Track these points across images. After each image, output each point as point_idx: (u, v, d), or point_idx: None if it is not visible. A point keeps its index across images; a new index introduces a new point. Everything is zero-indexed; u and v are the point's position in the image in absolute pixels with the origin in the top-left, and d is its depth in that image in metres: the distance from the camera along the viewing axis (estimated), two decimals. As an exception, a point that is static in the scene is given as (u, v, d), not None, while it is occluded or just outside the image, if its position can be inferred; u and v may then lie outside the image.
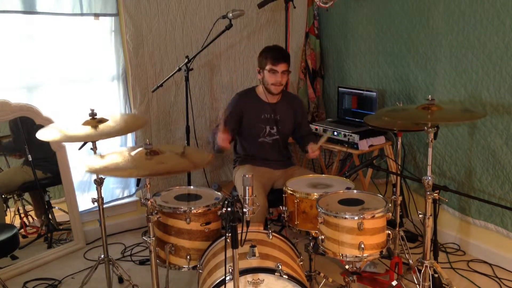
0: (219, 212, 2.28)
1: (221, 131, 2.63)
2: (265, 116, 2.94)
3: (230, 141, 2.69)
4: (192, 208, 2.23)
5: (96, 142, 2.38)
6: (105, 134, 2.30)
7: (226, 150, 2.71)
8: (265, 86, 2.89)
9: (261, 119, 2.93)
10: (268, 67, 2.82)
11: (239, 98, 2.98)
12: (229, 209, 1.71)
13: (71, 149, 3.18)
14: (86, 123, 2.34)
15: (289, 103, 3.01)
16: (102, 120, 2.37)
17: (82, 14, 3.13)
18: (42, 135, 2.26)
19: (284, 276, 1.85)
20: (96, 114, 2.38)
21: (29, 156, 3.08)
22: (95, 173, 2.41)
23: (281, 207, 2.47)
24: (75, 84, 3.25)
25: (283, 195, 2.46)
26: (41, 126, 3.01)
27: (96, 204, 2.50)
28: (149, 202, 1.95)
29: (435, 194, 2.24)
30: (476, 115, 2.43)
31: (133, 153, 1.89)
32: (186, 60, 3.12)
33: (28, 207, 3.18)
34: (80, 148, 2.50)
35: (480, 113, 2.47)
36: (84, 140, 2.36)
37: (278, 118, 2.95)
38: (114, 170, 1.81)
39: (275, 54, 2.83)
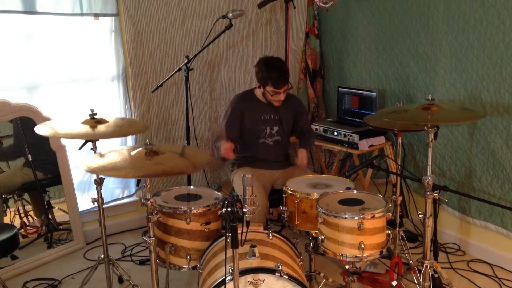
0: (219, 212, 2.27)
1: (224, 143, 2.72)
2: (265, 117, 2.93)
3: (233, 150, 2.78)
4: (192, 208, 2.23)
5: (96, 142, 2.39)
6: (102, 135, 2.33)
7: (229, 159, 2.80)
8: (266, 98, 2.89)
9: (261, 120, 2.92)
10: (269, 89, 2.81)
11: (238, 101, 2.97)
12: (229, 209, 1.71)
13: (71, 149, 3.18)
14: (85, 122, 2.38)
15: (288, 102, 3.00)
16: (101, 121, 2.39)
17: (82, 14, 3.13)
18: (40, 129, 2.29)
19: (284, 276, 1.85)
20: (96, 114, 2.40)
21: (29, 156, 3.08)
22: (93, 173, 2.41)
23: (281, 207, 2.47)
24: (75, 84, 3.25)
25: (283, 195, 2.46)
26: (41, 126, 3.03)
27: (96, 204, 2.51)
28: (149, 202, 1.95)
29: (435, 194, 2.24)
30: (477, 115, 2.43)
31: (133, 152, 1.89)
32: (186, 60, 3.12)
33: (28, 207, 3.18)
34: (80, 148, 2.50)
35: (480, 112, 2.47)
36: (81, 138, 2.36)
37: (278, 118, 2.95)
38: (112, 170, 1.81)
39: (276, 79, 2.78)
